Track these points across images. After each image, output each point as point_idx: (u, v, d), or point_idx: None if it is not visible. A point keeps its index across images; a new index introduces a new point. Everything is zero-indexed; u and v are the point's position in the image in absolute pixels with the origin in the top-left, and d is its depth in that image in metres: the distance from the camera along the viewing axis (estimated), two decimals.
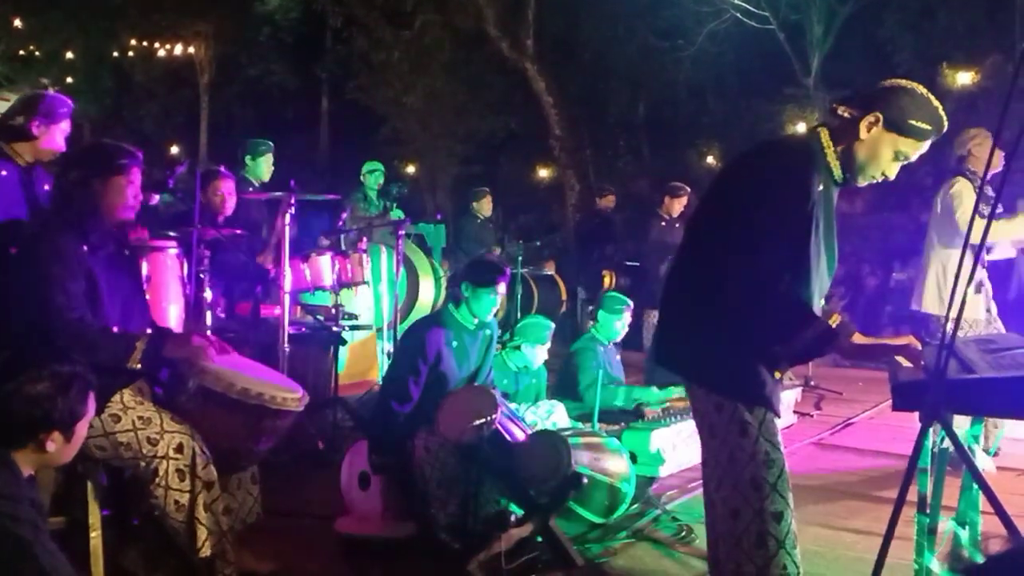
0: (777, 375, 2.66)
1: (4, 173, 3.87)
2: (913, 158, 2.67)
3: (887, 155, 2.65)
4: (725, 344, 2.65)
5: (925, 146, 2.65)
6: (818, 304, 2.72)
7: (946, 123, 2.64)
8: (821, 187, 2.63)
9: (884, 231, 12.41)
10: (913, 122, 2.59)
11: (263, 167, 6.47)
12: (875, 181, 2.73)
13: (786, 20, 15.05)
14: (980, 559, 3.08)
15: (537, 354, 5.30)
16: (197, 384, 3.15)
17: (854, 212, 13.14)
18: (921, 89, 2.63)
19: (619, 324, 5.80)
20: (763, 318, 2.57)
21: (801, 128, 12.95)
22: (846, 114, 2.67)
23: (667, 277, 2.93)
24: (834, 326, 2.57)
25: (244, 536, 3.44)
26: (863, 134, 2.64)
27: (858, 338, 2.64)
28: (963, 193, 5.17)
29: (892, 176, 2.71)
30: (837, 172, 2.70)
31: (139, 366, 3.06)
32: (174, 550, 3.10)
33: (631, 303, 5.85)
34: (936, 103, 2.62)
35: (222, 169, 5.74)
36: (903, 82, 2.65)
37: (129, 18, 20.20)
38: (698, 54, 16.10)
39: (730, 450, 2.64)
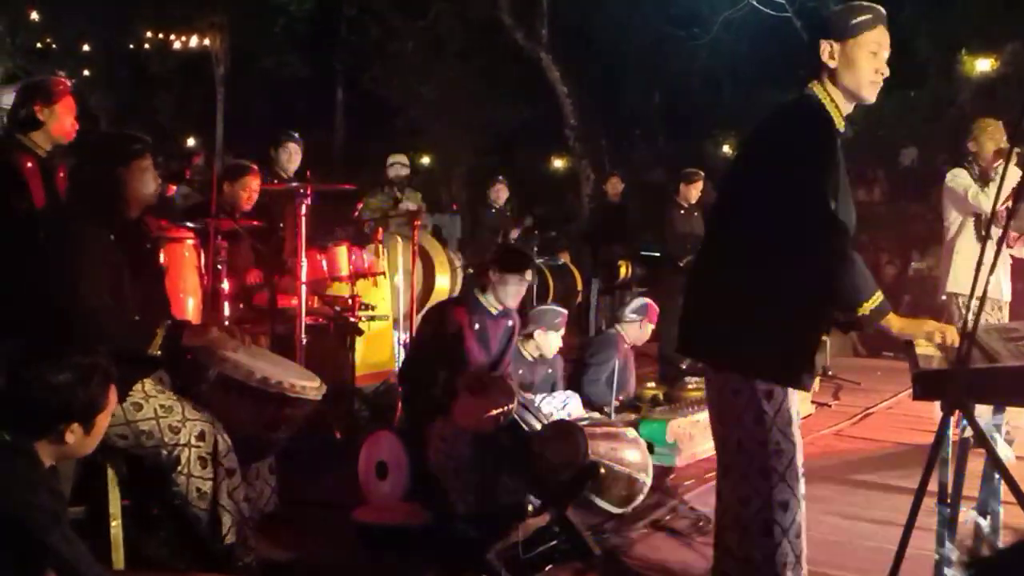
0: (824, 339, 2.67)
1: (30, 165, 3.90)
2: (886, 45, 2.75)
3: (864, 58, 2.72)
4: (759, 322, 2.63)
5: (882, 31, 2.73)
6: None
7: (878, 5, 2.76)
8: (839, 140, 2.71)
9: (903, 220, 12.30)
10: (854, 20, 2.70)
11: (283, 157, 6.49)
12: (879, 86, 2.78)
13: (803, 8, 14.90)
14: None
15: (550, 341, 5.29)
16: (216, 373, 3.17)
17: (872, 201, 13.02)
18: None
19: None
20: (814, 268, 2.56)
21: None
22: (824, 56, 2.73)
23: (692, 267, 2.93)
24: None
25: (262, 525, 3.46)
26: (831, 62, 2.73)
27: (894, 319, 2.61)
28: (956, 178, 5.29)
29: (886, 71, 2.77)
30: (839, 122, 2.76)
31: (159, 353, 3.08)
32: (194, 538, 3.12)
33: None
34: None
35: (254, 166, 5.75)
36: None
37: (144, 10, 20.25)
38: (714, 43, 15.99)
39: (739, 438, 2.65)
